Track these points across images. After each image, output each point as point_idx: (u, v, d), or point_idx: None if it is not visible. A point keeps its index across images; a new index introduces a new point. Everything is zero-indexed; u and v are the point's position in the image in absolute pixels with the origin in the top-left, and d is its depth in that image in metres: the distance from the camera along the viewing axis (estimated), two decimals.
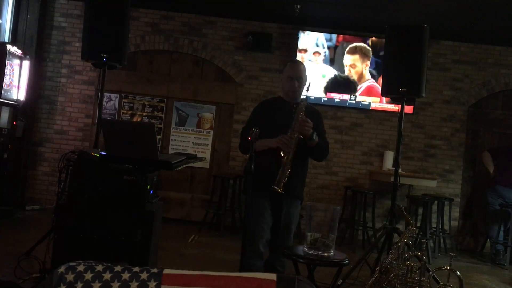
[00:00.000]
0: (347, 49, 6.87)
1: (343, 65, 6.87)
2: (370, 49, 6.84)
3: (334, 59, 6.87)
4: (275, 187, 2.90)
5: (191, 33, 6.97)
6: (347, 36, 6.87)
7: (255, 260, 3.04)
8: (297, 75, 3.16)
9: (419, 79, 4.41)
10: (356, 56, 6.86)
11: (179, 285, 1.36)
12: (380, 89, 5.28)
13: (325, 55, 6.85)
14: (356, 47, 6.87)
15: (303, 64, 3.36)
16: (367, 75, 6.86)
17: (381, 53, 6.62)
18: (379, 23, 5.58)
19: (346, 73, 6.86)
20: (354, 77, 6.86)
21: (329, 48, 6.87)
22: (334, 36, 6.87)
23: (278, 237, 3.16)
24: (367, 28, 6.69)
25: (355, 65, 6.86)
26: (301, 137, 3.02)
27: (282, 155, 2.98)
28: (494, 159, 6.41)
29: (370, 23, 6.46)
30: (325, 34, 6.84)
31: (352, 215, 6.41)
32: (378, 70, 6.78)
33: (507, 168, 6.24)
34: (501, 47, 6.97)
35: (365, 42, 6.86)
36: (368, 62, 6.85)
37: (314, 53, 6.85)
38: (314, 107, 3.35)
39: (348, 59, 6.86)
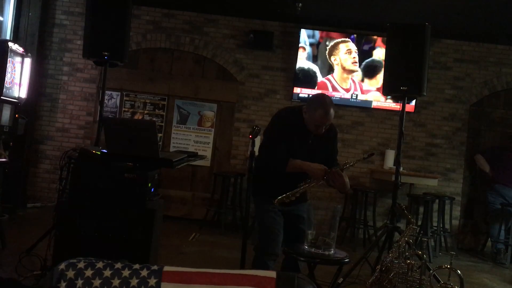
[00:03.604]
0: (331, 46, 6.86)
1: (326, 62, 6.85)
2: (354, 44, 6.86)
3: (317, 56, 6.86)
4: (276, 202, 2.99)
5: (192, 31, 6.97)
6: (330, 33, 6.85)
7: (272, 262, 3.09)
8: (328, 123, 3.08)
9: (421, 77, 4.41)
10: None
11: (179, 282, 1.36)
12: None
13: (307, 52, 6.85)
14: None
15: (333, 108, 3.08)
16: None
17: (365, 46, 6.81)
18: (381, 21, 5.57)
19: (336, 72, 6.85)
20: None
21: (311, 45, 6.85)
22: (316, 32, 6.84)
23: (293, 239, 3.17)
24: (369, 26, 6.69)
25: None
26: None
27: (307, 181, 3.05)
28: (488, 160, 6.47)
29: (372, 22, 6.45)
30: (307, 30, 6.82)
31: (353, 214, 6.41)
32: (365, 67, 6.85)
33: (503, 168, 6.31)
34: (503, 46, 6.96)
35: (348, 37, 6.86)
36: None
37: (299, 48, 6.85)
38: (333, 124, 3.26)
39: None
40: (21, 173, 6.44)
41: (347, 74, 6.86)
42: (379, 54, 6.79)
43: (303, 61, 6.84)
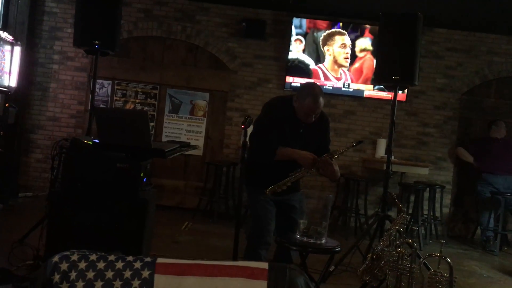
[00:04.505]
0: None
1: (314, 53, 6.83)
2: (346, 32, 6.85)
3: (304, 47, 6.84)
4: (267, 191, 3.01)
5: (184, 20, 6.91)
6: (318, 21, 6.80)
7: (264, 251, 3.11)
8: (317, 111, 3.09)
9: (413, 67, 4.42)
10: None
11: (172, 274, 1.37)
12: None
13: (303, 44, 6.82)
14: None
15: (322, 97, 3.08)
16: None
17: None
18: (374, 10, 5.55)
19: (327, 61, 6.84)
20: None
21: (298, 34, 6.82)
22: (304, 21, 6.80)
23: (285, 228, 3.19)
24: (361, 15, 6.67)
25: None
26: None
27: (298, 171, 3.06)
28: (472, 152, 6.54)
29: (365, 11, 6.43)
30: (295, 20, 6.78)
31: (344, 203, 6.45)
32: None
33: (487, 157, 6.36)
34: (494, 35, 6.98)
35: (335, 25, 6.84)
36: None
37: (295, 40, 6.82)
38: (325, 113, 3.27)
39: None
40: (12, 162, 6.40)
41: (337, 67, 6.86)
42: (364, 43, 6.83)
43: (299, 53, 6.81)
